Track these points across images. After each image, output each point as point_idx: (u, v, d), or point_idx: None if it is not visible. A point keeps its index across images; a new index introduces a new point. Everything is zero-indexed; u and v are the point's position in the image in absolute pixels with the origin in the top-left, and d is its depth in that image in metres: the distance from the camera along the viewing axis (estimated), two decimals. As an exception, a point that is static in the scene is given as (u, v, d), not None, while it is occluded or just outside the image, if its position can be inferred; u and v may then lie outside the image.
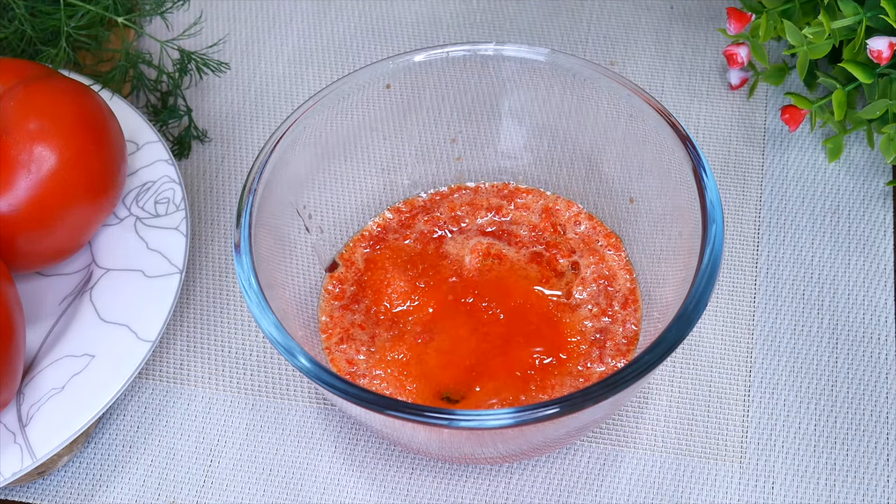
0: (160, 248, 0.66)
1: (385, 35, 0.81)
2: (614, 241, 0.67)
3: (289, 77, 0.79)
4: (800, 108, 0.71)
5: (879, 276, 0.69)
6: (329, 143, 0.66)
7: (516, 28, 0.81)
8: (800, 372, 0.66)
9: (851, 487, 0.62)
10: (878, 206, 0.72)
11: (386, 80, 0.66)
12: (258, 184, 0.61)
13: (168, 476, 0.64)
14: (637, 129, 0.64)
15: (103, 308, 0.65)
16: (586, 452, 0.63)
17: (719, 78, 0.78)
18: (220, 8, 0.83)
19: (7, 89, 0.64)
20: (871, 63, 0.68)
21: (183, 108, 0.76)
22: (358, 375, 0.62)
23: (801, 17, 0.71)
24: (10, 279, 0.61)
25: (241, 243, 0.59)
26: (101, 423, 0.65)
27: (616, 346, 0.63)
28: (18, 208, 0.62)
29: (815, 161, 0.74)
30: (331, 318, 0.65)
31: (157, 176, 0.69)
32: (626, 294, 0.65)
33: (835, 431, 0.64)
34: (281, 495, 0.63)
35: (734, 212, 0.72)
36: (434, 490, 0.63)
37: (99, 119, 0.65)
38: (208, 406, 0.66)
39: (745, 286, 0.69)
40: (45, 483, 0.63)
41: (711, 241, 0.57)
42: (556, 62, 0.65)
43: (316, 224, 0.66)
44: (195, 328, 0.68)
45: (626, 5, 0.82)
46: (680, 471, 0.63)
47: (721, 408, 0.65)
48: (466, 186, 0.70)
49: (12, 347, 0.59)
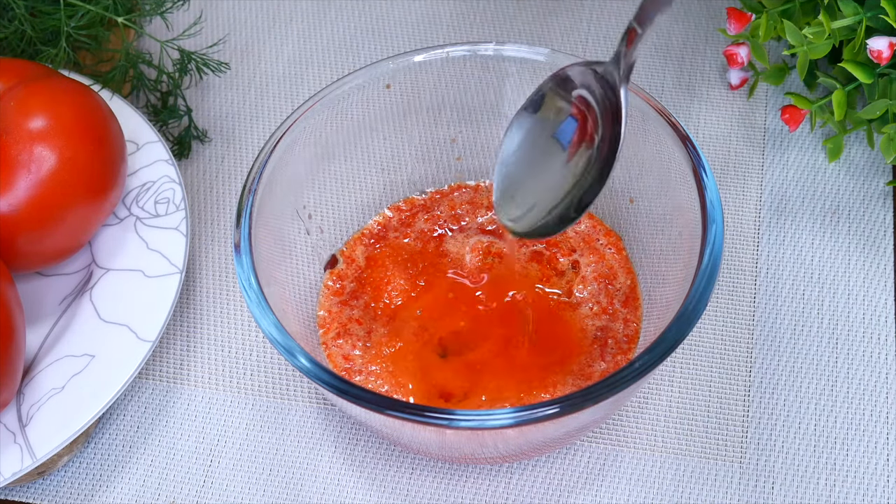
0: (160, 248, 0.66)
1: (385, 35, 0.81)
2: (614, 239, 0.67)
3: (289, 77, 0.79)
4: (800, 108, 0.71)
5: (879, 276, 0.69)
6: (329, 143, 0.66)
7: (516, 28, 0.81)
8: (800, 372, 0.66)
9: (851, 487, 0.62)
10: (878, 206, 0.72)
11: (386, 80, 0.66)
12: (258, 184, 0.61)
13: (168, 476, 0.64)
14: (637, 129, 0.64)
15: (103, 308, 0.65)
16: (586, 452, 0.63)
17: (719, 78, 0.78)
18: (220, 8, 0.83)
19: (7, 89, 0.64)
20: (871, 63, 0.68)
21: (183, 108, 0.75)
22: (354, 371, 0.62)
23: (801, 17, 0.71)
24: (10, 279, 0.61)
25: (241, 243, 0.59)
26: (101, 423, 0.65)
27: (617, 344, 0.63)
28: (18, 208, 0.62)
29: (815, 161, 0.74)
30: (329, 312, 0.65)
31: (157, 176, 0.69)
32: (627, 292, 0.65)
33: (835, 431, 0.64)
34: (281, 495, 0.63)
35: (734, 212, 0.72)
36: (434, 490, 0.63)
37: (99, 119, 0.65)
38: (208, 406, 0.66)
39: (745, 286, 0.69)
40: (45, 483, 0.63)
41: (711, 241, 0.57)
42: (556, 62, 0.65)
43: (316, 224, 0.66)
44: (195, 328, 0.68)
45: (626, 5, 0.82)
46: (680, 471, 0.63)
47: (721, 408, 0.65)
48: (467, 185, 0.70)
49: (12, 347, 0.59)
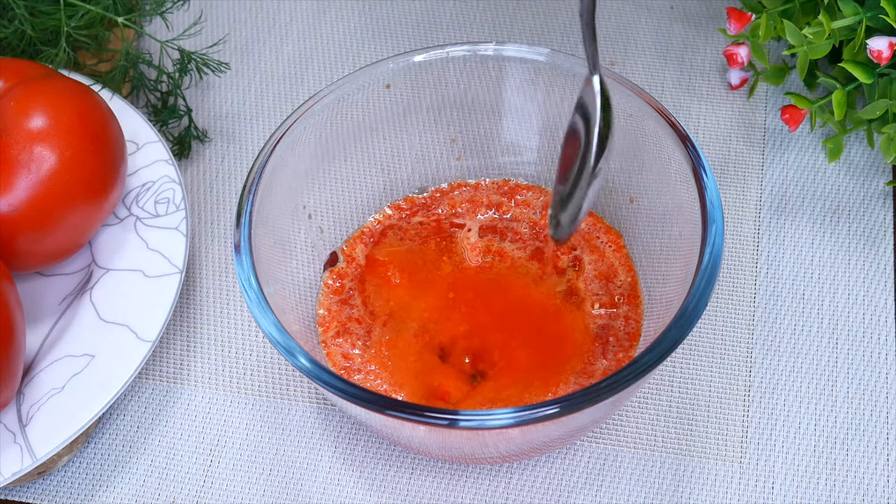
0: (160, 248, 0.66)
1: (385, 35, 0.81)
2: (614, 237, 0.67)
3: (289, 77, 0.79)
4: (800, 108, 0.71)
5: (879, 276, 0.69)
6: (329, 143, 0.66)
7: (516, 28, 0.81)
8: (800, 372, 0.66)
9: (851, 487, 0.62)
10: (878, 206, 0.72)
11: (386, 80, 0.66)
12: (258, 184, 0.61)
13: (168, 476, 0.64)
14: (637, 128, 0.64)
15: (103, 308, 0.65)
16: (586, 452, 0.63)
17: (719, 78, 0.78)
18: (220, 8, 0.83)
19: (7, 89, 0.64)
20: (871, 63, 0.68)
21: (183, 108, 0.75)
22: (354, 370, 0.62)
23: (801, 17, 0.71)
24: (10, 279, 0.61)
25: (241, 243, 0.59)
26: (101, 423, 0.65)
27: (619, 342, 0.63)
28: (18, 208, 0.62)
29: (815, 161, 0.74)
30: (329, 311, 0.65)
31: (157, 176, 0.69)
32: (628, 290, 0.65)
33: (835, 431, 0.64)
34: (281, 495, 0.63)
35: (734, 212, 0.72)
36: (434, 490, 0.63)
37: (99, 119, 0.65)
38: (208, 406, 0.66)
39: (745, 286, 0.69)
40: (45, 483, 0.63)
41: (711, 241, 0.57)
42: (555, 62, 0.65)
43: (316, 224, 0.66)
44: (195, 328, 0.68)
45: (626, 5, 0.82)
46: (680, 471, 0.63)
47: (721, 408, 0.65)
48: (467, 183, 0.70)
49: (12, 347, 0.59)
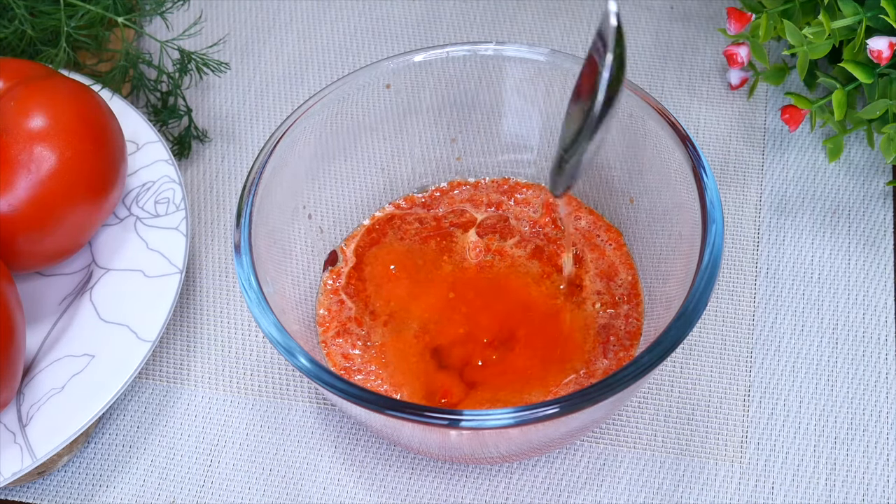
0: (160, 248, 0.66)
1: (385, 35, 0.81)
2: (615, 235, 0.67)
3: (289, 77, 0.79)
4: (800, 108, 0.71)
5: (879, 276, 0.69)
6: (329, 143, 0.66)
7: (516, 28, 0.81)
8: (800, 372, 0.66)
9: (851, 487, 0.62)
10: (878, 206, 0.72)
11: (386, 80, 0.66)
12: (258, 184, 0.61)
13: (168, 476, 0.64)
14: (637, 128, 0.64)
15: (103, 308, 0.65)
16: (586, 452, 0.63)
17: (719, 78, 0.78)
18: (220, 8, 0.83)
19: (7, 89, 0.64)
20: (871, 63, 0.68)
21: (183, 108, 0.75)
22: (354, 370, 0.62)
23: (801, 17, 0.71)
24: (10, 279, 0.61)
25: (241, 243, 0.59)
26: (101, 423, 0.65)
27: (619, 341, 0.63)
28: (18, 208, 0.62)
29: (815, 161, 0.74)
30: (329, 311, 0.65)
31: (157, 176, 0.69)
32: (628, 289, 0.65)
33: (835, 431, 0.64)
34: (281, 495, 0.63)
35: (734, 212, 0.72)
36: (434, 490, 0.63)
37: (99, 119, 0.65)
38: (208, 406, 0.66)
39: (745, 286, 0.69)
40: (45, 483, 0.63)
41: (711, 241, 0.57)
42: (555, 62, 0.65)
43: (316, 224, 0.66)
44: (195, 328, 0.68)
45: (626, 5, 0.82)
46: (680, 471, 0.63)
47: (721, 408, 0.65)
48: (466, 182, 0.70)
49: (12, 347, 0.59)
